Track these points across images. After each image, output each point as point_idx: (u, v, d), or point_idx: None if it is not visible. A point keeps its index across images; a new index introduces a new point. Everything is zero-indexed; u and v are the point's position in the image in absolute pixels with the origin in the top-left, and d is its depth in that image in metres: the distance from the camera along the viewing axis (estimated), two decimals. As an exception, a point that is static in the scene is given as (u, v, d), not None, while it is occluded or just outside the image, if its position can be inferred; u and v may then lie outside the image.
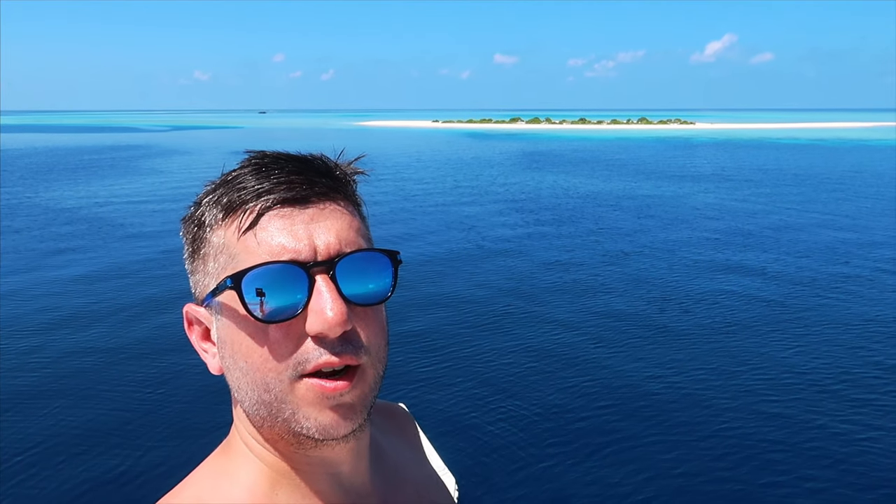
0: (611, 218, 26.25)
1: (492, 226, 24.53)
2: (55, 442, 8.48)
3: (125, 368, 10.68)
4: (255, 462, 0.74)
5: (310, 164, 0.72)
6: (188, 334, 0.76)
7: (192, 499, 0.72)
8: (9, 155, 63.85)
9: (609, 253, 19.77)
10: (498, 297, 14.93)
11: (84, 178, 41.35)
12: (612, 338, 12.25)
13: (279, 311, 0.65)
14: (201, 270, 0.72)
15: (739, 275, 17.03)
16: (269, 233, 0.67)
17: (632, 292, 15.45)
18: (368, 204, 0.80)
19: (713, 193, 34.02)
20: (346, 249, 0.68)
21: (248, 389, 0.68)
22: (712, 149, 72.51)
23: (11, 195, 34.06)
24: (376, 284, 0.70)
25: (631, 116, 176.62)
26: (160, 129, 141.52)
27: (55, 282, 16.42)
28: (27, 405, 9.96)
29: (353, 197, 0.77)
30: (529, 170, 47.42)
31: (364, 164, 0.81)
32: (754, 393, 10.10)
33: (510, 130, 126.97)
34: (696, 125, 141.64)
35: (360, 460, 0.78)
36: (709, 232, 23.27)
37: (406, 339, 12.07)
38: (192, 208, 0.74)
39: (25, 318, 13.81)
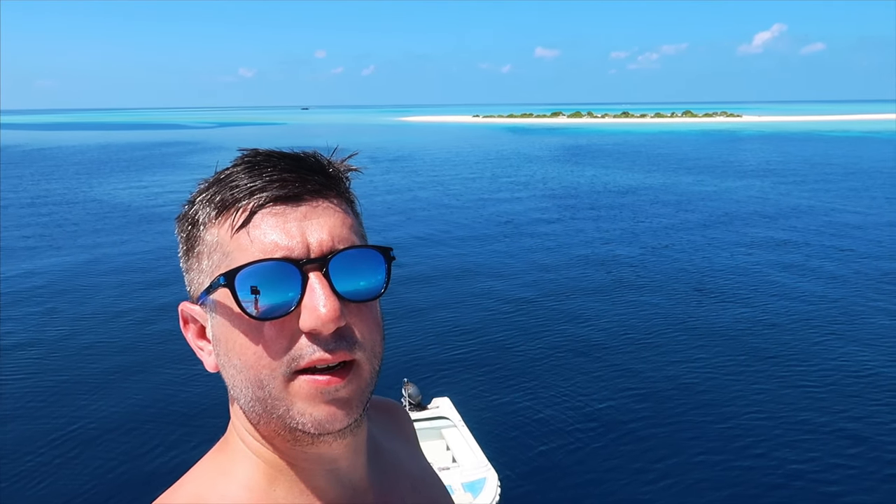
0: (650, 212, 26.18)
1: (530, 220, 24.74)
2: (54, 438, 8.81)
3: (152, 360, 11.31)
4: (252, 459, 0.74)
5: (302, 161, 0.72)
6: (184, 332, 0.76)
7: (191, 496, 0.73)
8: (64, 151, 66.54)
9: (647, 247, 19.80)
10: (537, 293, 15.15)
11: (136, 172, 42.92)
12: (652, 334, 12.34)
13: (272, 308, 0.65)
14: (196, 268, 0.72)
15: (780, 269, 16.88)
16: (262, 230, 0.67)
17: (670, 286, 15.47)
18: (405, 198, 0.92)
19: (756, 187, 33.51)
20: (338, 246, 0.68)
21: (244, 387, 0.69)
22: (758, 142, 70.92)
23: (68, 189, 35.67)
24: (369, 281, 0.70)
25: (675, 109, 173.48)
26: (206, 125, 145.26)
27: (113, 273, 17.33)
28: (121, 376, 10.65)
29: (347, 194, 0.75)
30: (569, 164, 47.30)
31: (403, 158, 0.89)
32: (802, 387, 10.09)
33: (551, 125, 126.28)
34: (743, 118, 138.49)
35: (357, 456, 0.79)
36: (749, 225, 23.01)
37: (447, 334, 12.43)
38: (186, 207, 0.74)
39: (96, 302, 14.68)
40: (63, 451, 8.49)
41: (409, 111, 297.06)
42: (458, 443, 8.15)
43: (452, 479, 7.25)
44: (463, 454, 7.91)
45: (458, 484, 7.19)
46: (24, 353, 11.84)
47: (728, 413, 9.25)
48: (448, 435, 8.35)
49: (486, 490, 7.13)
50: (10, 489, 7.71)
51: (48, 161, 54.09)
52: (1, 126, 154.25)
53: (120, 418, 9.33)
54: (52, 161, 54.11)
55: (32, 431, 9.01)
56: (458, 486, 7.15)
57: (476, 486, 7.20)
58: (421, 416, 8.59)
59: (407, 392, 8.79)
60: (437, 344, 11.90)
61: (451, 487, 7.14)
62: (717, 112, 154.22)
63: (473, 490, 7.13)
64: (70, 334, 12.73)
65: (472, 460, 7.67)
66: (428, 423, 8.49)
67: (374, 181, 37.37)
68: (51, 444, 8.66)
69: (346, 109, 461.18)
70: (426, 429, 8.44)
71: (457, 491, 7.10)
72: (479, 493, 7.10)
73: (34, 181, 38.97)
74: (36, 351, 11.97)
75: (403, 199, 29.96)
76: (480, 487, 7.17)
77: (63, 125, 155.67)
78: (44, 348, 12.06)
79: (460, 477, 7.31)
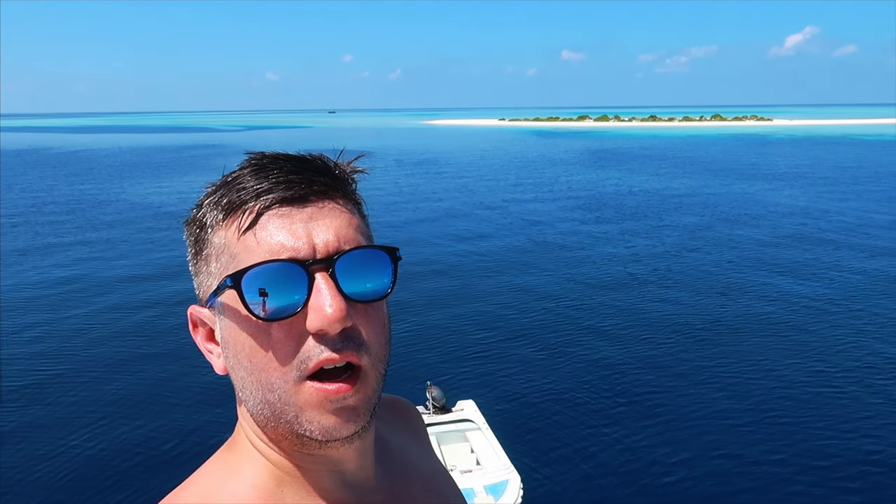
0: (674, 215, 25.97)
1: (555, 224, 24.63)
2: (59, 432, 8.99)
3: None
4: (260, 460, 0.75)
5: (308, 163, 0.72)
6: (193, 336, 0.77)
7: (199, 495, 0.73)
8: (97, 154, 68.04)
9: (671, 250, 19.65)
10: (563, 296, 15.10)
11: (167, 175, 43.70)
12: (682, 339, 12.24)
13: (279, 309, 0.66)
14: (204, 271, 0.73)
15: (807, 273, 16.65)
16: (268, 232, 0.68)
17: (694, 289, 15.33)
18: (429, 200, 0.96)
19: (784, 191, 33.06)
20: (344, 247, 0.68)
21: (253, 389, 0.69)
22: (789, 146, 69.80)
23: (100, 190, 36.43)
24: (376, 281, 0.70)
25: (704, 113, 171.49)
26: (234, 128, 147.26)
27: (142, 270, 17.71)
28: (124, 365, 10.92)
29: (353, 195, 0.75)
30: (594, 167, 47.05)
31: (428, 161, 0.92)
32: (822, 385, 10.04)
33: (577, 128, 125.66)
34: (774, 122, 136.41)
35: (364, 458, 0.79)
36: (776, 229, 22.70)
37: (472, 336, 12.46)
38: (194, 210, 0.75)
39: (126, 300, 15.03)
40: (71, 449, 8.60)
41: (435, 115, 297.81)
42: (481, 445, 8.16)
43: (475, 482, 7.26)
44: (486, 457, 7.92)
45: (480, 486, 7.19)
46: (48, 344, 12.17)
47: (759, 416, 9.16)
48: (472, 438, 8.36)
49: (508, 492, 7.13)
50: (15, 484, 7.85)
51: (82, 163, 55.33)
52: (39, 129, 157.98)
53: (130, 413, 9.51)
54: (85, 163, 55.34)
55: (42, 424, 9.21)
56: (480, 489, 7.16)
57: (498, 488, 7.21)
58: (445, 418, 8.61)
59: (431, 395, 8.82)
60: (463, 346, 11.95)
61: (474, 490, 7.16)
62: (746, 116, 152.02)
63: (495, 492, 7.14)
64: (93, 330, 13.03)
65: (496, 463, 7.67)
66: (452, 426, 8.51)
67: (399, 183, 37.62)
68: (58, 442, 8.76)
69: (372, 113, 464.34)
70: (450, 431, 8.47)
71: (479, 493, 7.10)
72: (501, 496, 7.10)
73: (69, 182, 39.89)
74: (60, 342, 12.29)
75: (428, 202, 30.09)
76: (503, 490, 7.18)
77: (96, 128, 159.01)
78: (69, 341, 12.37)
79: (482, 479, 7.31)
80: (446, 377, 10.23)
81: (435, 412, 8.73)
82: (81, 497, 7.64)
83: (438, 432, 8.47)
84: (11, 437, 9.00)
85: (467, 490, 7.16)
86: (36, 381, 10.84)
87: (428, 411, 8.80)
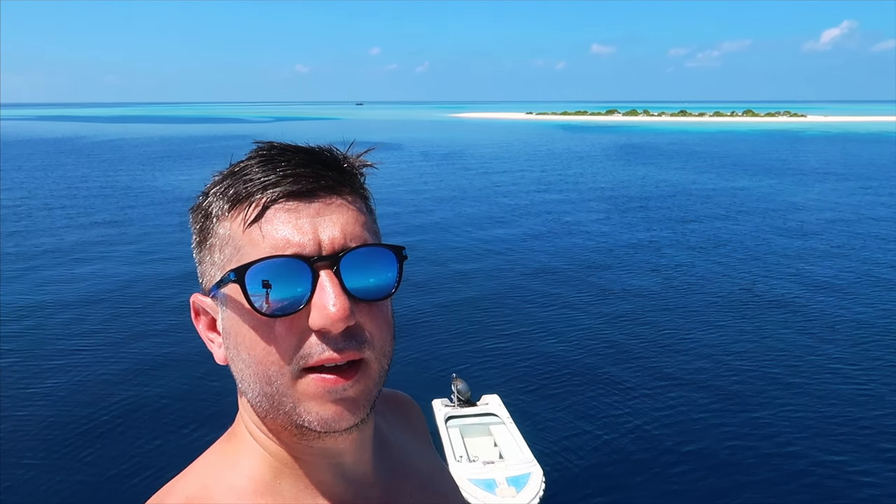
0: (700, 210, 25.72)
1: (577, 216, 24.57)
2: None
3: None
4: (258, 451, 0.75)
5: (317, 156, 0.71)
6: (195, 324, 0.77)
7: (196, 485, 0.74)
8: (129, 143, 69.27)
9: (695, 246, 19.50)
10: (588, 291, 15.11)
11: (198, 165, 44.32)
12: (704, 335, 12.21)
13: (282, 305, 0.65)
14: (208, 261, 0.73)
15: (836, 272, 16.39)
16: (273, 226, 0.67)
17: (718, 286, 15.24)
18: (453, 192, 1.00)
19: (814, 187, 32.53)
20: (350, 244, 0.68)
21: (252, 381, 0.69)
22: (822, 143, 68.38)
23: (134, 179, 37.09)
24: (381, 279, 0.69)
25: (735, 108, 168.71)
26: (264, 119, 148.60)
27: (171, 259, 18.06)
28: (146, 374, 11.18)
29: (361, 190, 0.74)
30: (620, 162, 46.67)
31: (454, 154, 0.95)
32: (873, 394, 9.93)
33: (605, 122, 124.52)
34: (808, 118, 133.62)
35: (363, 451, 0.79)
36: (802, 225, 22.45)
37: (498, 329, 12.51)
38: (200, 198, 0.74)
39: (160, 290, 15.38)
40: (70, 440, 8.62)
41: (462, 108, 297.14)
42: (505, 439, 8.25)
43: (497, 474, 7.35)
44: (509, 450, 8.00)
45: (501, 478, 7.27)
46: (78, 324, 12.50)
47: (783, 420, 9.12)
48: (496, 431, 8.45)
49: (529, 485, 7.21)
50: (20, 479, 7.90)
51: (115, 152, 56.37)
52: (72, 118, 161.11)
53: (128, 403, 9.59)
54: (118, 152, 56.39)
55: (41, 419, 9.22)
56: (501, 481, 7.24)
57: (520, 480, 7.29)
58: (470, 412, 8.72)
59: (456, 387, 8.92)
60: (489, 340, 12.01)
61: (495, 481, 7.26)
62: (779, 112, 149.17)
63: (517, 484, 7.22)
64: (118, 312, 13.37)
65: (518, 456, 7.75)
66: (476, 420, 8.63)
67: (424, 175, 37.75)
68: (57, 434, 8.80)
69: (399, 105, 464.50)
70: (475, 425, 8.59)
71: (500, 485, 7.20)
72: (522, 488, 7.17)
73: (103, 171, 40.70)
74: (84, 323, 12.64)
75: (452, 194, 30.14)
76: (524, 482, 7.25)
77: (128, 118, 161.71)
78: (92, 322, 12.74)
79: (504, 472, 7.39)
80: (472, 371, 10.32)
81: (460, 405, 8.84)
82: (80, 485, 7.69)
83: (462, 425, 8.59)
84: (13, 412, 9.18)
85: (489, 481, 7.26)
86: (53, 355, 11.20)
87: (452, 404, 8.91)
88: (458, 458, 7.75)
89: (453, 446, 8.05)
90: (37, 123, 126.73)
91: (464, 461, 7.69)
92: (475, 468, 7.50)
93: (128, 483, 7.65)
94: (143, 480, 7.62)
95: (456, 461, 7.68)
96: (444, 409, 8.78)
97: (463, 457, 7.82)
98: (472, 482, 7.21)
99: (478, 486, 7.16)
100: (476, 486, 7.16)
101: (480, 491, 7.12)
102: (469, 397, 8.87)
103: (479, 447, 8.31)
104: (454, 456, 7.82)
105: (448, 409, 8.79)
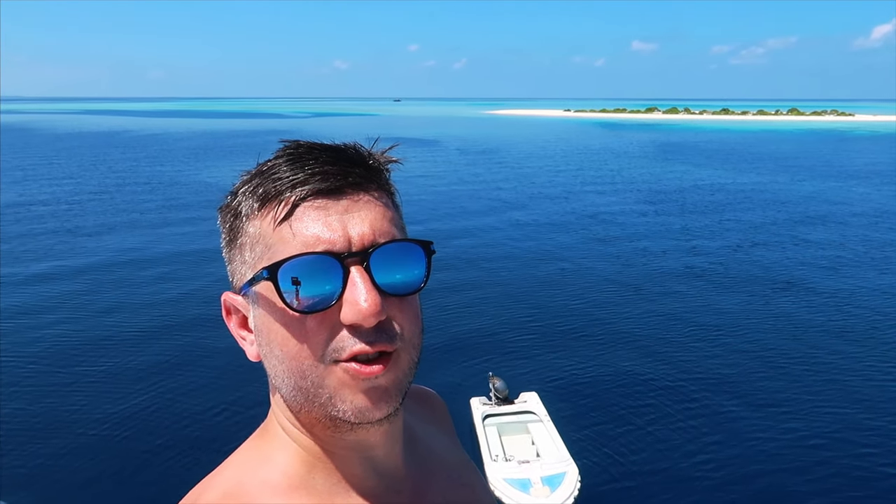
0: (737, 211, 25.30)
1: (614, 213, 24.38)
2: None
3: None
4: (292, 446, 0.77)
5: (343, 153, 0.73)
6: (226, 322, 0.78)
7: (231, 481, 0.75)
8: (173, 136, 70.77)
9: (730, 245, 19.26)
10: (629, 290, 15.00)
11: (240, 158, 45.20)
12: (744, 336, 12.08)
13: (314, 301, 0.67)
14: (238, 259, 0.74)
15: (875, 273, 16.03)
16: (304, 223, 0.68)
17: (751, 287, 15.00)
18: (489, 189, 1.06)
19: (857, 189, 31.67)
20: (379, 240, 0.69)
21: (286, 377, 0.70)
22: (869, 142, 66.31)
23: (178, 171, 38.02)
24: (410, 275, 0.71)
25: (780, 107, 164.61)
26: (303, 115, 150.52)
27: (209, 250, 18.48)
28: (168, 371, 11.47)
29: (387, 186, 0.76)
30: (658, 160, 46.03)
31: (490, 151, 1.01)
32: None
33: (645, 120, 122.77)
34: (856, 117, 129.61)
35: (394, 444, 0.81)
36: (843, 227, 21.95)
37: (537, 325, 12.54)
38: (229, 198, 0.76)
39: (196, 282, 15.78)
40: (102, 436, 8.71)
41: (499, 104, 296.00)
42: (542, 437, 8.24)
43: (532, 472, 7.35)
44: (546, 448, 8.01)
45: (536, 477, 7.27)
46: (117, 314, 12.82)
47: (823, 419, 8.99)
48: (533, 429, 8.45)
49: (564, 484, 7.19)
50: (48, 471, 8.01)
51: (160, 145, 57.78)
52: (118, 112, 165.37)
53: (163, 399, 9.66)
54: (163, 145, 57.77)
55: (69, 414, 9.33)
56: (536, 479, 7.24)
57: (555, 479, 7.29)
58: (507, 409, 8.71)
59: (493, 385, 8.92)
60: (529, 337, 12.02)
61: (530, 480, 7.27)
62: (826, 110, 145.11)
63: (552, 484, 7.22)
64: (154, 304, 13.67)
65: (555, 455, 7.74)
66: (514, 418, 8.62)
67: (459, 171, 37.82)
68: (88, 430, 8.87)
69: (436, 102, 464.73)
70: (512, 423, 8.58)
71: (535, 484, 7.19)
72: (557, 487, 7.16)
73: (149, 164, 41.81)
74: (123, 315, 12.97)
75: (488, 190, 30.15)
76: (559, 481, 7.25)
77: (172, 112, 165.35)
78: (130, 313, 13.08)
79: (540, 470, 7.38)
80: (510, 368, 10.31)
81: (497, 403, 8.83)
82: (114, 482, 7.78)
83: (500, 423, 8.59)
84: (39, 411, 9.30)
85: (524, 480, 7.28)
86: (85, 345, 11.50)
87: (490, 402, 8.92)
88: (494, 458, 7.77)
89: (490, 445, 8.07)
90: (83, 117, 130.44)
91: (500, 460, 7.71)
92: (510, 468, 7.50)
93: (163, 480, 7.74)
94: (177, 477, 7.72)
95: (492, 460, 7.71)
96: (482, 407, 8.78)
97: (499, 456, 7.84)
98: (506, 482, 7.22)
99: (512, 486, 7.18)
100: (510, 486, 7.17)
101: (515, 491, 7.13)
102: (507, 395, 8.84)
103: (516, 446, 8.32)
104: (490, 455, 7.83)
105: (486, 407, 8.78)
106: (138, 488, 7.65)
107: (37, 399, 9.68)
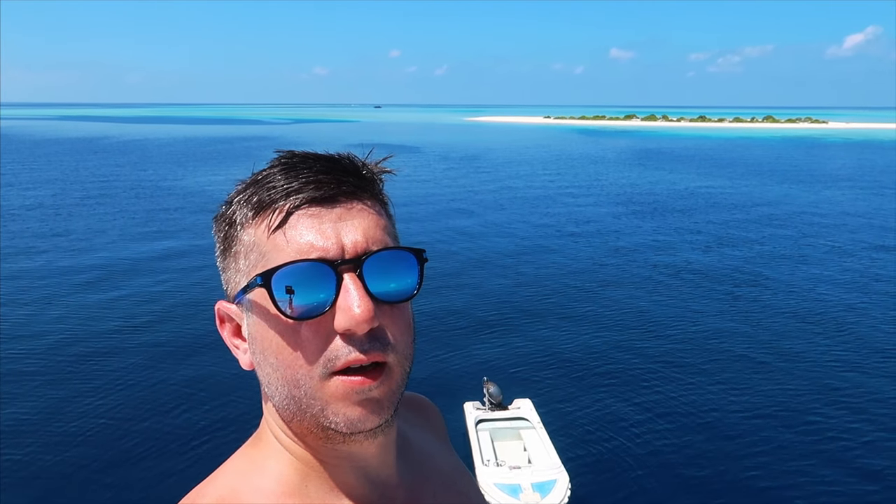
0: (706, 213, 26.08)
1: (584, 219, 24.65)
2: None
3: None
4: (285, 455, 0.77)
5: (337, 163, 0.74)
6: (220, 331, 0.78)
7: (225, 489, 0.75)
8: (153, 143, 69.95)
9: (702, 246, 19.73)
10: (619, 295, 15.21)
11: (221, 164, 44.66)
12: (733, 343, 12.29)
13: (308, 308, 0.67)
14: (233, 268, 0.74)
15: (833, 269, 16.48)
16: (298, 231, 0.69)
17: (721, 287, 15.30)
18: (471, 193, 1.14)
19: (824, 193, 32.76)
20: (372, 248, 0.70)
21: (279, 385, 0.70)
22: (842, 149, 67.74)
23: (160, 177, 37.53)
24: (402, 282, 0.71)
25: (756, 114, 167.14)
26: (283, 121, 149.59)
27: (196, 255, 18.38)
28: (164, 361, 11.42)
29: (380, 195, 0.77)
30: (635, 166, 46.69)
31: (471, 157, 1.10)
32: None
33: (623, 127, 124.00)
34: (829, 124, 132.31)
35: (386, 453, 0.81)
36: (808, 230, 22.68)
37: (525, 332, 12.67)
38: (224, 207, 0.76)
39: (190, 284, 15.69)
40: (97, 444, 8.69)
41: (480, 111, 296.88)
42: (534, 444, 8.30)
43: (522, 479, 7.40)
44: (538, 455, 8.06)
45: (527, 483, 7.32)
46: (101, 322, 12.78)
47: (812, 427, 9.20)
48: (526, 436, 8.51)
49: (555, 491, 7.24)
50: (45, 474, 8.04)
51: (140, 152, 57.18)
52: (96, 119, 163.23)
53: (155, 408, 9.65)
54: (142, 152, 57.18)
55: (72, 407, 9.48)
56: (527, 486, 7.28)
57: (546, 486, 7.32)
58: (501, 415, 8.76)
59: (488, 390, 8.96)
60: (522, 343, 12.14)
61: (521, 486, 7.31)
62: (800, 118, 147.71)
63: (542, 490, 7.25)
64: (138, 314, 13.65)
65: (546, 462, 7.80)
66: (507, 423, 8.67)
67: (442, 178, 37.87)
68: (84, 438, 8.85)
69: (417, 108, 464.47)
70: (505, 428, 8.63)
71: (525, 490, 7.23)
72: (547, 494, 7.20)
73: (131, 170, 41.36)
74: (104, 322, 12.96)
75: (472, 197, 30.27)
76: (550, 488, 7.28)
77: (151, 118, 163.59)
78: (111, 322, 13.04)
79: (531, 477, 7.43)
80: (505, 374, 10.39)
81: (491, 408, 8.88)
82: (109, 489, 7.78)
83: (492, 428, 8.63)
84: (33, 420, 9.30)
85: (514, 486, 7.33)
86: (72, 358, 11.40)
87: (484, 407, 8.95)
88: (485, 462, 7.85)
89: (482, 450, 8.14)
90: (62, 123, 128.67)
91: (491, 465, 7.77)
92: (502, 473, 7.57)
93: (156, 487, 7.74)
94: (170, 485, 7.71)
95: (483, 465, 7.78)
96: (475, 411, 8.83)
97: (490, 461, 7.90)
98: (497, 486, 7.28)
99: (503, 491, 7.23)
100: (501, 491, 7.23)
101: (505, 496, 7.20)
102: (500, 401, 8.89)
103: (508, 451, 8.37)
104: (482, 460, 7.91)
105: (479, 412, 8.84)
106: (131, 496, 7.64)
107: (29, 407, 9.66)
